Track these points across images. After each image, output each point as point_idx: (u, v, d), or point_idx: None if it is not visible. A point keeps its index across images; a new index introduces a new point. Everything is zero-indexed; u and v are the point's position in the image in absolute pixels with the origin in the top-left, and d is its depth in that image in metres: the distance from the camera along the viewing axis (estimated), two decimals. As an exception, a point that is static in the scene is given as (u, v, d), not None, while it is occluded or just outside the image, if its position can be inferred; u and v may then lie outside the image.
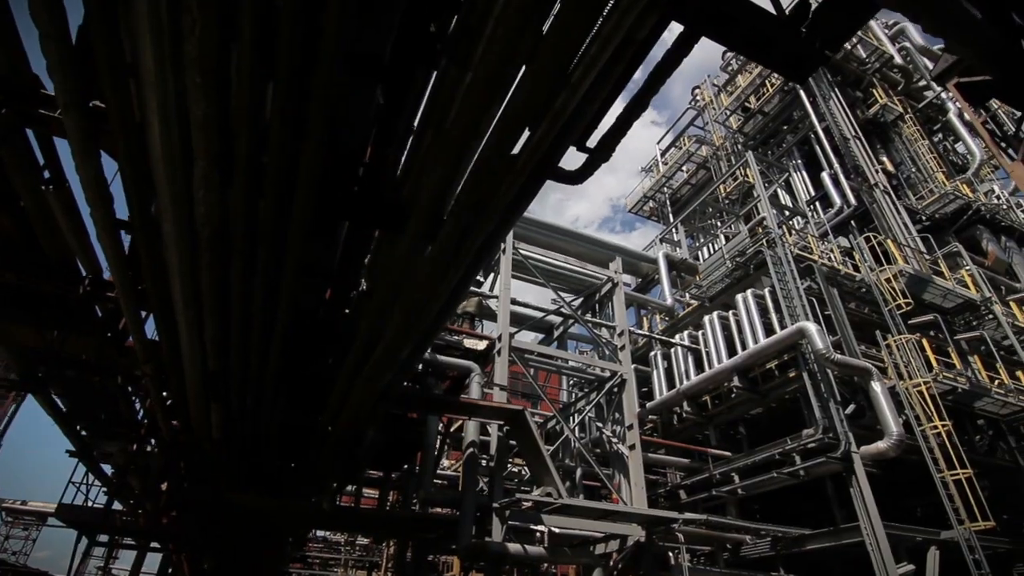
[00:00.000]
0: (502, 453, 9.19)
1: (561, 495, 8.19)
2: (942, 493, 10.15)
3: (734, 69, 28.11)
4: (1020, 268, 18.31)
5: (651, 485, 14.80)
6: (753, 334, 12.33)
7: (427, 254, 4.36)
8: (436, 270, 4.56)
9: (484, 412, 8.62)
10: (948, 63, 10.89)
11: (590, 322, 12.30)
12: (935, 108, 24.26)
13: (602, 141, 4.62)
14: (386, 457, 10.57)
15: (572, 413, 13.39)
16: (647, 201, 30.50)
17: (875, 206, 17.79)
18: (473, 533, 8.64)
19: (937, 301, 14.15)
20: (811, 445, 10.61)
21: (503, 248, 11.68)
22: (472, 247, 4.38)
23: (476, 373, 9.80)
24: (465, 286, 5.11)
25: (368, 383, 6.45)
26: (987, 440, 12.91)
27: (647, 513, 8.94)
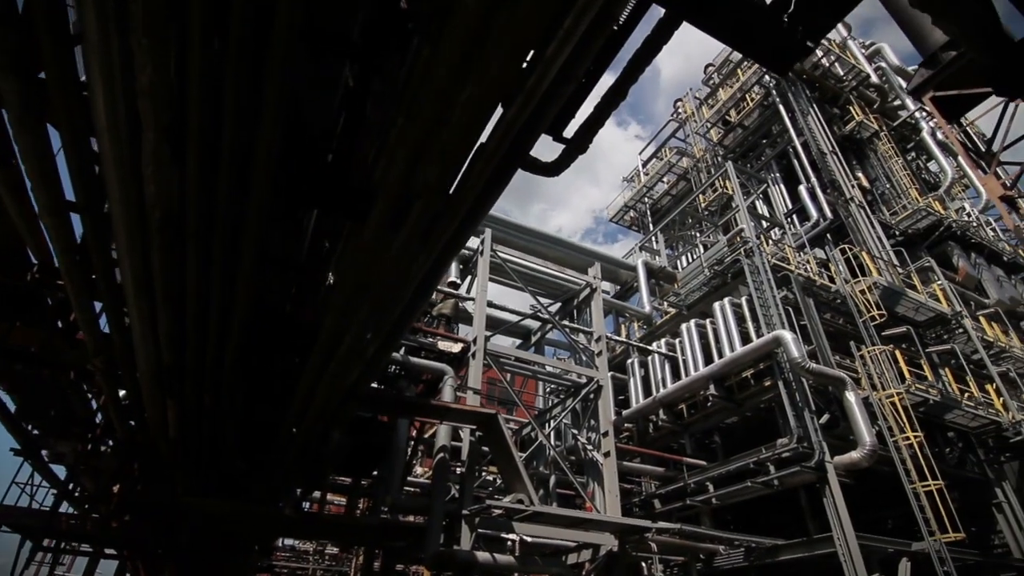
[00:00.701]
0: (474, 458, 8.94)
1: (533, 502, 7.98)
2: (914, 504, 10.18)
3: (716, 83, 28.47)
4: (989, 284, 18.71)
5: (626, 494, 14.66)
6: (730, 342, 12.32)
7: (394, 244, 4.15)
8: (403, 261, 4.36)
9: (456, 416, 8.39)
10: (924, 77, 11.01)
11: (567, 327, 12.16)
12: (909, 127, 24.85)
13: (579, 131, 4.48)
14: (354, 462, 10.23)
15: (547, 420, 13.21)
16: (628, 211, 30.63)
17: (851, 220, 18.03)
18: (441, 541, 8.37)
19: (910, 314, 14.33)
20: (785, 454, 10.57)
21: (480, 250, 11.51)
22: (441, 237, 4.19)
23: (449, 376, 9.57)
24: (434, 280, 4.91)
25: (334, 381, 6.19)
26: (957, 452, 13.05)
27: (620, 521, 8.77)
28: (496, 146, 3.33)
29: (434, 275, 4.87)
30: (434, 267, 4.72)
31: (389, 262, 4.31)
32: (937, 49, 10.44)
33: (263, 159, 3.43)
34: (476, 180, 3.66)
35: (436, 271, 4.78)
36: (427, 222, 3.93)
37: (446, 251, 4.54)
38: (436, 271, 4.78)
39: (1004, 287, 19.48)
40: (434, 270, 4.75)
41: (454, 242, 4.52)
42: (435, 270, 4.76)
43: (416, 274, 4.58)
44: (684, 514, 12.70)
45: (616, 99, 4.07)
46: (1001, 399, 13.72)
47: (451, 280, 11.81)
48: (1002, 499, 12.53)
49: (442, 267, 4.76)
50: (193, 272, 4.60)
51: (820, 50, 24.26)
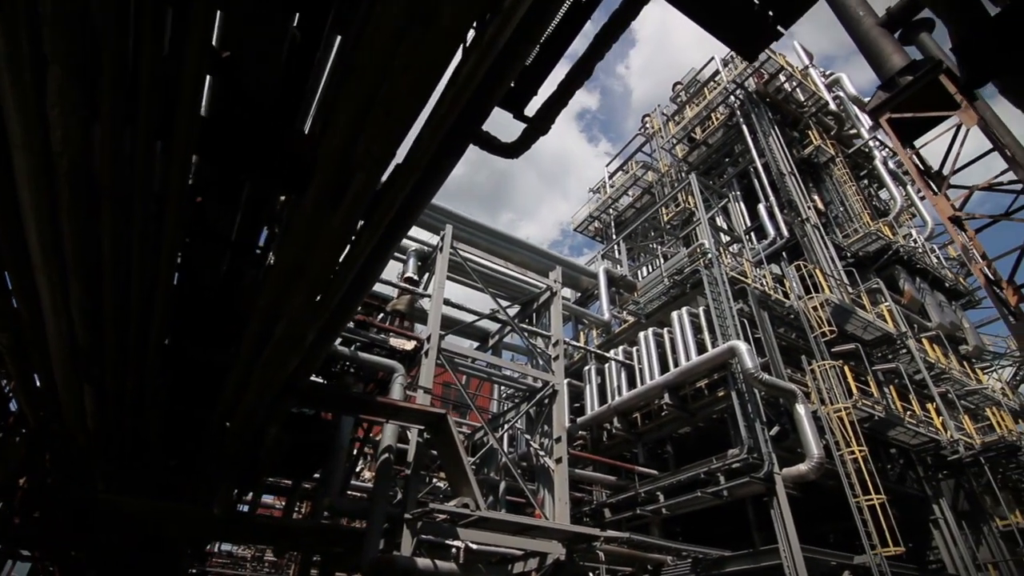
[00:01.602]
0: (420, 460, 8.57)
1: (479, 507, 7.66)
2: (857, 518, 10.32)
3: (683, 100, 29.01)
4: (931, 309, 19.48)
5: (577, 503, 14.47)
6: (686, 352, 12.34)
7: (334, 219, 3.82)
8: (345, 239, 4.04)
9: (404, 415, 8.01)
10: (881, 99, 11.27)
11: (526, 330, 11.93)
12: (863, 155, 25.83)
13: (542, 110, 4.26)
14: (294, 462, 9.70)
15: (501, 424, 12.91)
16: (593, 221, 30.80)
17: (806, 239, 18.51)
18: (381, 547, 7.97)
19: (858, 332, 14.71)
20: (735, 465, 10.59)
21: (440, 246, 11.19)
22: (387, 214, 3.88)
23: (399, 374, 9.19)
24: (380, 263, 4.59)
25: (269, 371, 5.76)
26: (898, 469, 13.40)
27: (568, 529, 8.53)
28: (447, 111, 3.06)
29: (380, 257, 4.55)
30: (379, 248, 4.40)
31: (329, 240, 3.98)
32: (895, 73, 10.76)
33: (188, 102, 3.06)
34: (425, 150, 3.38)
35: (382, 253, 4.47)
36: (371, 195, 3.63)
37: (392, 230, 4.25)
38: (382, 253, 4.47)
39: (945, 312, 20.35)
40: (380, 251, 4.43)
41: (401, 221, 4.24)
42: (381, 251, 4.44)
43: (359, 255, 4.26)
44: (634, 524, 12.59)
45: (581, 76, 3.87)
46: (940, 418, 14.20)
47: (408, 276, 11.44)
48: (938, 515, 12.90)
49: (388, 248, 4.45)
50: (110, 237, 4.16)
51: (783, 75, 25.03)
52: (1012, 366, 22.91)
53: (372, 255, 4.58)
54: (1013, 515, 13.64)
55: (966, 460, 13.90)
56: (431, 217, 13.37)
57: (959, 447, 13.72)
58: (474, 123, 3.43)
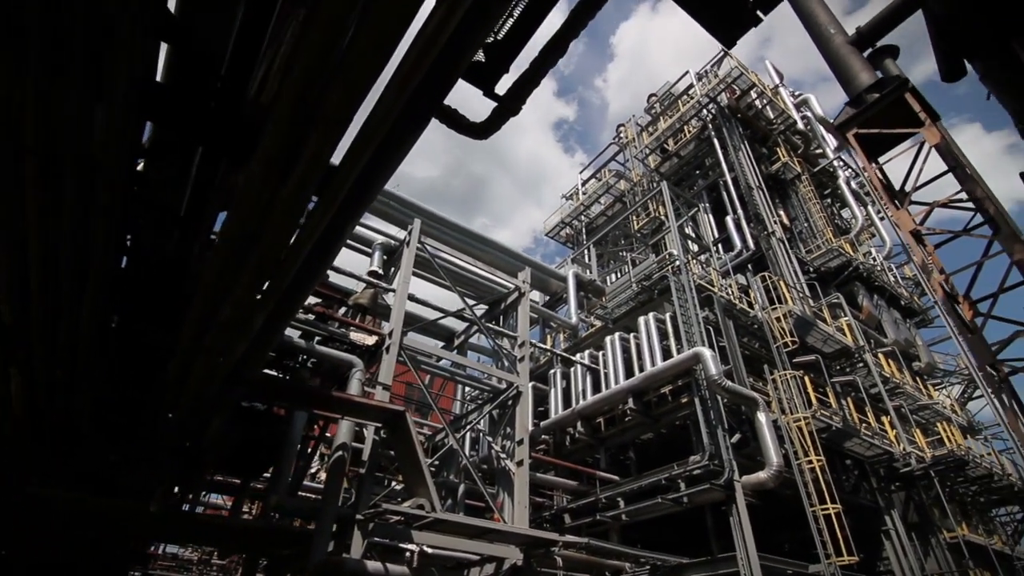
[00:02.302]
0: (375, 459, 8.25)
1: (435, 509, 7.39)
2: (813, 527, 10.41)
3: (657, 112, 29.39)
4: (888, 325, 20.04)
5: (537, 508, 14.27)
6: (652, 357, 12.32)
7: (285, 189, 3.56)
8: (296, 213, 3.77)
9: (360, 411, 7.70)
10: (849, 115, 11.46)
11: (492, 329, 11.72)
12: (828, 174, 26.54)
13: (513, 88, 4.08)
14: (244, 458, 9.25)
15: (463, 426, 12.65)
16: (564, 227, 30.86)
17: (771, 252, 18.84)
18: (330, 548, 7.61)
19: (818, 344, 14.98)
20: (696, 472, 10.57)
21: (407, 240, 10.91)
22: (342, 186, 3.63)
23: (358, 369, 8.86)
24: (335, 241, 4.32)
25: (214, 357, 5.42)
26: (853, 480, 13.64)
27: (526, 533, 8.33)
28: (411, 70, 2.84)
29: (335, 237, 4.29)
30: (334, 227, 4.14)
31: (279, 213, 3.71)
32: (862, 90, 10.99)
33: (125, 54, 2.76)
34: (384, 117, 3.15)
35: (337, 232, 4.21)
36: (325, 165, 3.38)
37: (348, 208, 3.99)
38: (337, 232, 4.21)
39: (900, 329, 20.97)
40: (335, 231, 4.17)
41: (358, 199, 3.99)
42: (336, 231, 4.18)
43: (312, 232, 3.99)
44: (593, 530, 12.47)
45: (554, 55, 3.71)
46: (894, 431, 14.55)
47: (372, 270, 11.11)
48: (890, 526, 13.18)
49: (344, 229, 4.19)
50: (34, 202, 3.80)
51: (755, 92, 25.55)
52: (960, 384, 23.78)
53: (327, 234, 4.31)
54: (960, 528, 14.03)
55: (917, 473, 14.27)
56: (399, 211, 13.06)
57: (911, 460, 14.07)
58: (440, 88, 3.22)
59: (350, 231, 4.36)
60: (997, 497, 17.66)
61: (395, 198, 12.89)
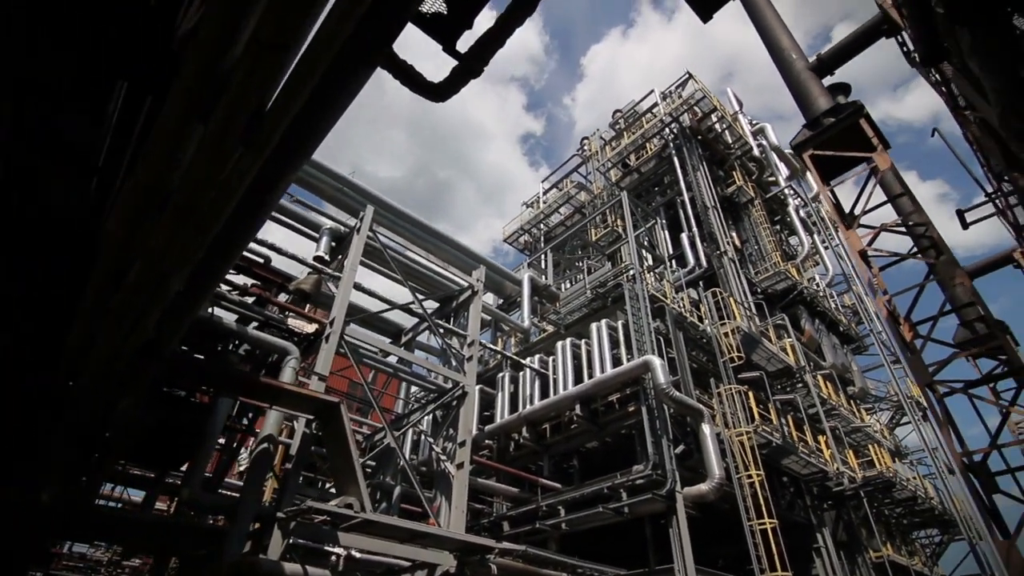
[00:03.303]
0: (304, 454, 7.68)
1: (364, 509, 6.91)
2: (749, 541, 10.43)
3: (621, 128, 29.78)
4: (826, 349, 20.72)
5: (476, 515, 13.85)
6: (602, 365, 12.19)
7: (209, 128, 3.12)
8: (219, 159, 3.32)
9: (291, 400, 7.15)
10: (806, 136, 11.68)
11: (442, 327, 11.30)
12: (778, 202, 27.45)
13: (476, 46, 3.75)
14: (157, 447, 8.48)
15: (405, 426, 12.13)
16: (523, 234, 30.74)
17: (722, 271, 19.19)
18: (247, 548, 7.00)
19: (763, 363, 15.24)
20: (639, 481, 10.44)
21: (357, 227, 10.41)
22: (274, 133, 3.21)
23: (293, 357, 8.29)
24: (266, 199, 3.87)
25: (122, 321, 4.82)
26: (788, 496, 13.85)
27: (461, 539, 7.92)
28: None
29: (267, 191, 3.83)
30: (265, 179, 3.71)
31: (198, 159, 3.26)
32: (820, 114, 11.27)
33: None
34: (323, 51, 2.77)
35: (269, 185, 3.77)
36: (254, 104, 2.97)
37: (281, 158, 3.57)
38: (269, 185, 3.77)
39: (838, 354, 21.73)
40: (266, 183, 3.73)
41: (293, 147, 3.56)
42: (267, 183, 3.74)
43: (238, 184, 3.54)
44: (532, 539, 12.14)
45: (523, 11, 3.42)
46: (829, 451, 14.92)
47: (318, 255, 10.52)
48: (821, 544, 13.43)
49: (276, 182, 3.75)
50: None
51: (715, 116, 26.20)
52: (889, 410, 24.86)
53: (256, 189, 3.87)
54: (885, 548, 14.46)
55: (848, 493, 14.65)
56: (352, 199, 12.50)
57: (844, 480, 14.43)
58: (388, 27, 2.86)
59: (283, 188, 3.92)
60: (919, 520, 18.42)
61: (349, 184, 12.34)
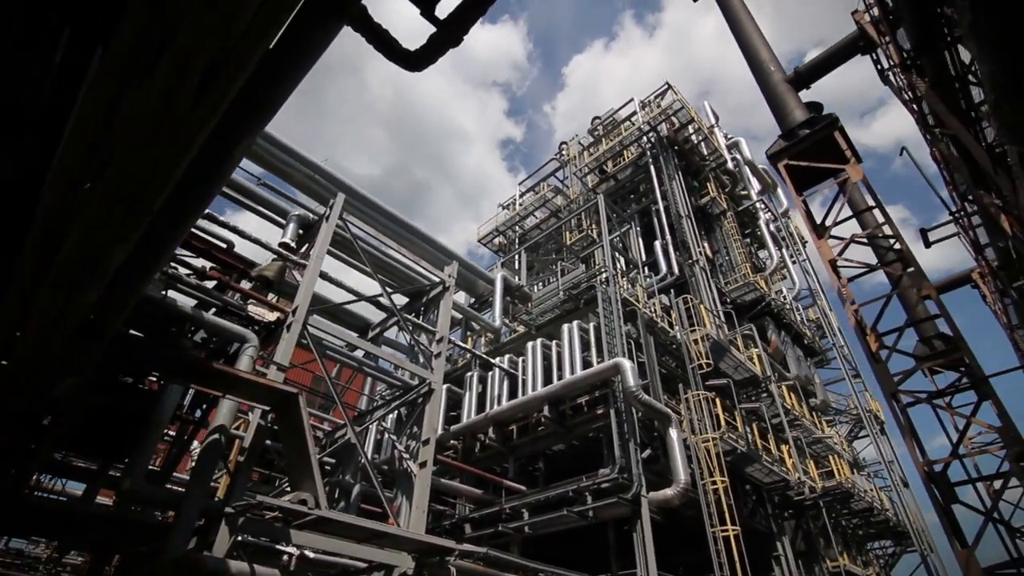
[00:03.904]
0: (257, 446, 7.31)
1: (319, 505, 6.59)
2: (712, 548, 10.40)
3: (599, 134, 29.92)
4: (791, 361, 21.07)
5: (438, 516, 13.55)
6: (572, 366, 12.07)
7: (154, 82, 2.83)
8: (164, 120, 3.03)
9: (247, 389, 6.79)
10: (781, 146, 11.79)
11: (411, 322, 11.02)
12: (749, 215, 27.91)
13: (457, 12, 3.56)
14: (100, 435, 7.99)
15: (367, 423, 11.77)
16: (498, 235, 30.54)
17: (693, 279, 19.36)
18: (192, 545, 6.61)
19: (730, 371, 15.35)
20: (605, 485, 10.32)
21: (326, 215, 10.07)
22: (230, 85, 2.95)
23: (251, 345, 7.91)
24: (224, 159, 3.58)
25: (57, 296, 4.44)
26: (750, 504, 13.94)
27: (420, 539, 7.65)
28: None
29: (222, 156, 3.55)
30: (219, 141, 3.43)
31: (140, 117, 2.97)
32: (796, 126, 11.39)
33: None
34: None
35: (224, 149, 3.49)
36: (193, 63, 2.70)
37: (240, 119, 3.30)
38: (224, 149, 3.49)
39: (801, 366, 22.13)
40: (220, 146, 3.46)
41: (254, 107, 3.30)
42: (222, 147, 3.46)
43: (189, 145, 3.25)
44: (494, 542, 11.91)
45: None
46: (792, 460, 15.09)
47: (284, 242, 10.14)
48: (780, 552, 13.55)
49: (233, 147, 3.47)
50: None
51: (692, 127, 26.52)
52: (848, 423, 25.43)
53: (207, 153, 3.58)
54: (841, 557, 14.67)
55: (807, 503, 14.83)
56: (323, 187, 12.15)
57: (804, 489, 14.60)
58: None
59: (239, 154, 3.64)
60: (874, 531, 18.81)
61: (321, 171, 11.98)
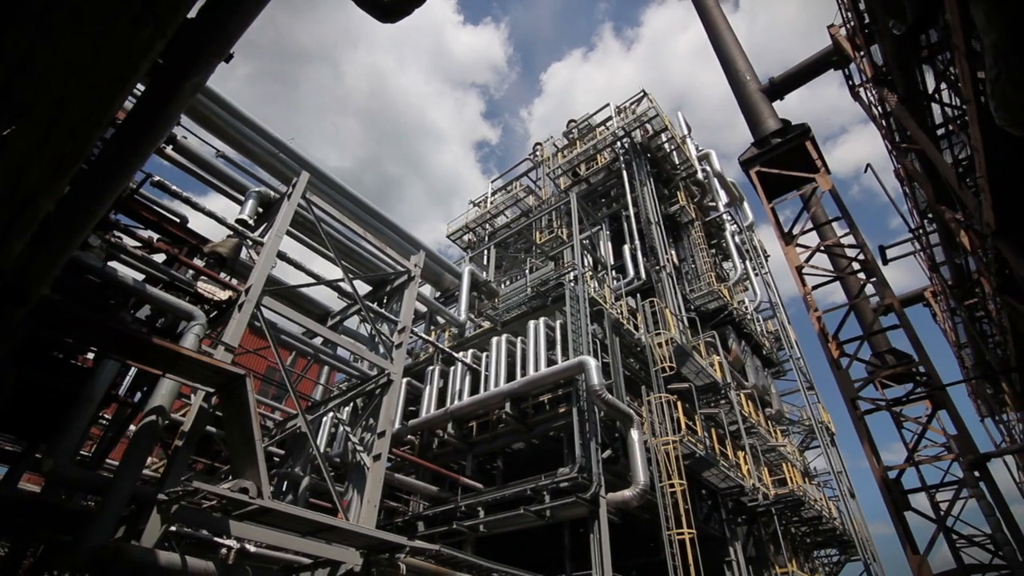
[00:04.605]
0: (198, 430, 6.83)
1: (262, 495, 6.17)
2: (667, 551, 10.35)
3: (574, 137, 29.94)
4: (750, 370, 21.42)
5: (390, 513, 13.16)
6: (536, 364, 11.87)
7: None
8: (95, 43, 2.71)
9: (189, 368, 6.32)
10: (753, 153, 11.85)
11: (373, 310, 10.63)
12: (716, 226, 28.37)
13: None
14: (21, 412, 7.39)
15: (321, 412, 11.30)
16: (468, 232, 30.23)
17: (660, 285, 19.46)
18: (120, 534, 6.11)
19: (691, 376, 15.44)
20: (564, 484, 10.15)
21: (288, 193, 9.62)
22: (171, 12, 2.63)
23: (198, 323, 7.44)
24: (176, 87, 3.18)
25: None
26: (706, 509, 14.01)
27: (369, 534, 7.30)
28: None
29: (168, 89, 3.19)
30: (166, 71, 3.08)
31: (63, 34, 2.63)
32: (768, 134, 11.50)
33: None
34: None
35: (172, 80, 3.12)
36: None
37: (190, 44, 2.96)
38: (172, 80, 3.12)
39: (759, 375, 22.53)
40: (167, 76, 3.10)
41: (208, 30, 2.96)
42: (169, 78, 3.11)
43: (129, 74, 2.89)
44: (448, 540, 11.60)
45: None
46: (747, 466, 15.26)
47: (241, 218, 9.62)
48: (732, 557, 13.64)
49: (182, 78, 3.11)
50: None
51: (665, 136, 26.80)
52: (801, 434, 26.06)
53: (154, 89, 3.23)
54: (790, 564, 14.89)
55: (760, 509, 15.01)
56: (288, 167, 11.65)
57: (758, 495, 14.77)
58: None
59: (184, 98, 3.27)
60: (821, 539, 19.24)
61: (286, 149, 11.48)
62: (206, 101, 10.88)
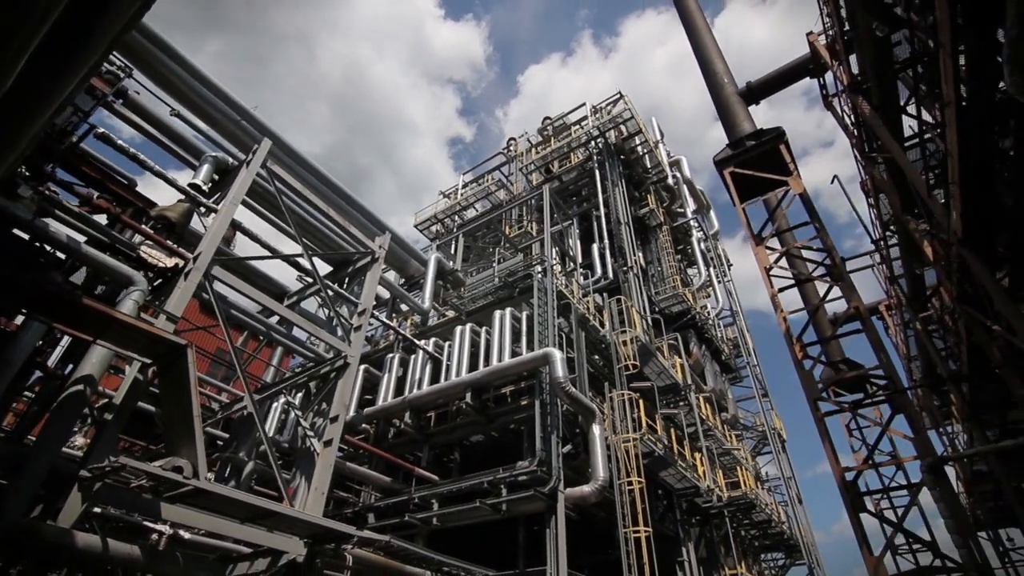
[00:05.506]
0: (130, 403, 6.28)
1: (198, 475, 5.69)
2: (623, 548, 10.23)
3: (549, 134, 29.82)
4: (709, 374, 21.70)
5: (340, 503, 12.68)
6: (500, 355, 11.59)
7: None
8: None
9: (124, 335, 5.78)
10: (728, 154, 11.84)
11: (332, 289, 10.15)
12: (683, 232, 28.69)
13: None
14: (-69, 377, 6.67)
15: (271, 391, 10.74)
16: (436, 222, 29.75)
17: (626, 285, 19.48)
18: (36, 513, 5.56)
19: (653, 376, 15.46)
20: (523, 477, 9.91)
21: (248, 160, 9.07)
22: None
23: (138, 288, 6.88)
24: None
25: None
26: (661, 508, 14.02)
27: (315, 522, 6.88)
28: None
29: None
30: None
31: None
32: (743, 136, 11.52)
33: None
34: None
35: None
36: None
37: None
38: None
39: (717, 380, 22.87)
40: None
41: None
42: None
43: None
44: (399, 533, 11.18)
45: None
46: (703, 468, 15.36)
47: (194, 183, 9.01)
48: (685, 557, 13.69)
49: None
50: None
51: (639, 139, 26.93)
52: (754, 439, 26.59)
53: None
54: (739, 566, 15.06)
55: (713, 510, 15.13)
56: (251, 136, 11.04)
57: (712, 497, 14.88)
58: None
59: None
60: (769, 543, 19.61)
61: (248, 117, 10.88)
62: (164, 59, 10.18)
